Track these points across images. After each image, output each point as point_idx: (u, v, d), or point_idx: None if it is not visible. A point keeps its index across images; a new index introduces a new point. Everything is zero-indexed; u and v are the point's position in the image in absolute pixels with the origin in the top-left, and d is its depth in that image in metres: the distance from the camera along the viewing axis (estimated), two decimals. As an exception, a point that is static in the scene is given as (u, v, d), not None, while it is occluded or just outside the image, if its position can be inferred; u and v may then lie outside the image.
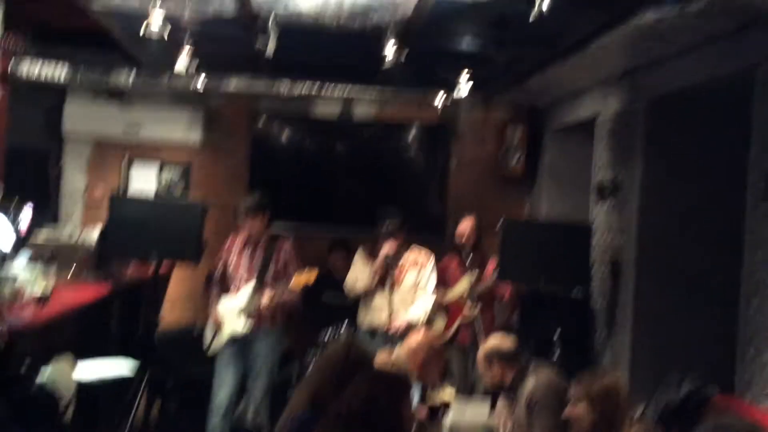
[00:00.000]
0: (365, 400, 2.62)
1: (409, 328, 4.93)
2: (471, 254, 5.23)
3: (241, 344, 4.85)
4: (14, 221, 4.51)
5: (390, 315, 4.87)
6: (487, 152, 6.81)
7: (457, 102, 6.40)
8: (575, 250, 4.90)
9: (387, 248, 4.96)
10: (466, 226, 5.36)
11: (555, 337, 4.75)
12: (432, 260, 5.18)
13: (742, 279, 3.61)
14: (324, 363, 3.08)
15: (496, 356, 3.67)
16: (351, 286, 5.10)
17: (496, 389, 3.74)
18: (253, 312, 4.79)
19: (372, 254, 5.12)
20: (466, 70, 5.02)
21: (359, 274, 5.08)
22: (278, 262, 4.91)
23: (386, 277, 4.97)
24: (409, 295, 5.04)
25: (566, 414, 2.97)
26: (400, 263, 5.08)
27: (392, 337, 4.81)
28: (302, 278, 4.75)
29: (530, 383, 3.55)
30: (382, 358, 3.83)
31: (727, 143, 4.47)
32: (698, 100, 4.43)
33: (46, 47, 5.43)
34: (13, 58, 5.29)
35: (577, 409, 2.91)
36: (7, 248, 4.34)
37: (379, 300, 5.00)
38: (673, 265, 4.61)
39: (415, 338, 3.85)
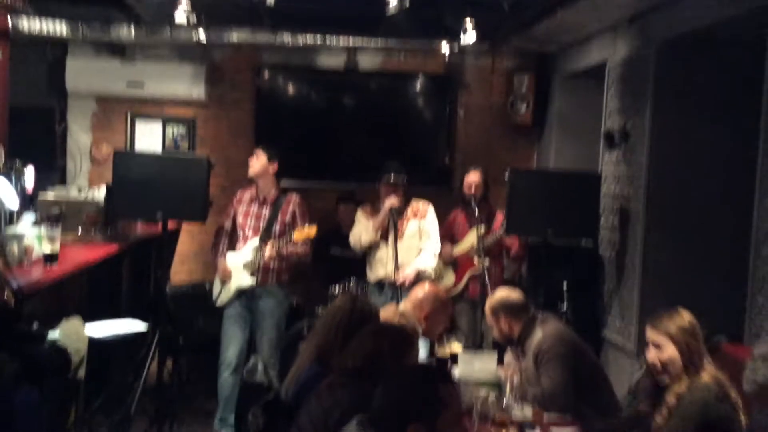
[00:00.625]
0: (368, 355, 2.63)
1: (419, 276, 4.94)
2: (478, 206, 5.19)
3: (247, 300, 4.88)
4: (18, 181, 4.50)
5: (396, 266, 4.85)
6: (495, 101, 6.72)
7: (463, 50, 6.30)
8: (584, 200, 4.86)
9: (391, 200, 4.93)
10: (474, 178, 5.30)
11: (564, 288, 4.75)
12: (432, 208, 5.15)
13: (752, 227, 3.56)
14: (329, 317, 3.08)
15: (503, 309, 3.66)
16: (356, 240, 5.09)
17: (504, 342, 3.74)
18: (257, 266, 4.81)
19: (374, 210, 5.10)
20: (471, 17, 4.90)
21: (363, 228, 5.07)
22: (285, 215, 4.90)
23: (389, 230, 4.94)
24: (413, 244, 5.02)
25: (652, 360, 2.88)
26: (404, 215, 5.05)
27: (400, 289, 4.81)
28: (303, 233, 4.75)
29: (538, 335, 3.55)
30: (389, 311, 3.84)
31: (739, 88, 4.37)
32: (710, 43, 4.32)
33: (45, 3, 5.35)
34: (12, 14, 5.22)
35: (666, 353, 2.86)
36: (13, 208, 4.35)
37: (385, 252, 4.98)
38: (683, 214, 4.56)
39: (421, 289, 3.84)
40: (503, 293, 3.77)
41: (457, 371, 3.60)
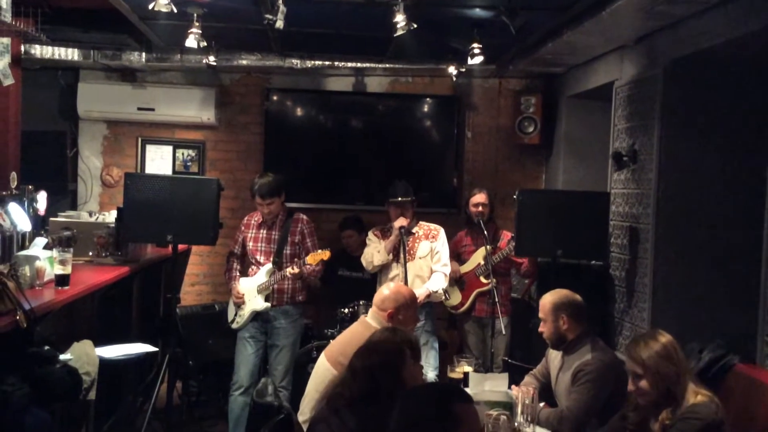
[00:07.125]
0: (364, 378, 2.65)
1: (430, 297, 4.94)
2: (485, 226, 5.19)
3: (262, 322, 4.88)
4: (31, 205, 4.54)
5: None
6: (503, 122, 6.75)
7: (471, 72, 6.34)
8: (593, 220, 4.85)
9: (401, 221, 4.94)
10: (480, 199, 5.32)
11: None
12: (443, 232, 5.15)
13: (762, 244, 3.55)
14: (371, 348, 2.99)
15: (569, 308, 3.53)
16: (368, 262, 5.09)
17: (552, 340, 3.60)
18: (272, 290, 4.82)
19: (384, 232, 5.12)
20: (478, 39, 4.93)
21: (374, 249, 5.07)
22: (295, 236, 4.92)
23: (400, 250, 4.95)
24: (424, 265, 5.03)
25: (630, 388, 2.86)
26: (413, 235, 5.07)
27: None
28: (317, 256, 4.75)
29: (587, 354, 3.48)
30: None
31: (746, 106, 4.38)
32: (716, 63, 4.33)
33: (57, 29, 5.42)
34: (25, 41, 5.29)
35: (641, 381, 2.80)
36: (26, 230, 4.39)
37: (396, 273, 4.99)
38: (693, 232, 4.55)
39: (386, 287, 3.67)
40: (568, 292, 3.61)
41: (468, 390, 3.57)
